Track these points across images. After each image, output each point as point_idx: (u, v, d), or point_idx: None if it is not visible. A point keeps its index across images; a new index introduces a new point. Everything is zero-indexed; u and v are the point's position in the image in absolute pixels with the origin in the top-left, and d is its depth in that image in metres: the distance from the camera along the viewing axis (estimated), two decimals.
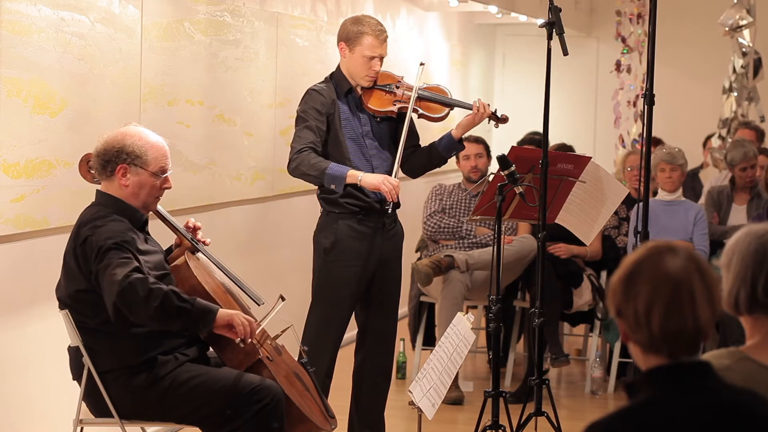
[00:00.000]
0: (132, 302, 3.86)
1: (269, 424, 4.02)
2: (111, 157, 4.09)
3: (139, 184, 4.11)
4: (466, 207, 6.85)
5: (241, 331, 3.98)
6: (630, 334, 2.27)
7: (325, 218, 5.21)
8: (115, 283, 3.86)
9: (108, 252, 3.92)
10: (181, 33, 5.72)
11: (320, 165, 4.97)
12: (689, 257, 2.26)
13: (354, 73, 5.16)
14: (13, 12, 4.60)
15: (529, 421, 4.98)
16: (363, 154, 5.14)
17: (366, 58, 5.11)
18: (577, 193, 5.37)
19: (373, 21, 5.18)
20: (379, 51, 5.13)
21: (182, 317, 3.91)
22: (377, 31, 5.13)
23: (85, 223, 4.05)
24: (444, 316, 6.46)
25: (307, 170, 4.98)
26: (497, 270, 4.83)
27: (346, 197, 5.10)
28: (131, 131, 4.14)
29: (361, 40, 5.11)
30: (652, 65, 4.86)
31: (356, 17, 5.23)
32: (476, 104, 5.19)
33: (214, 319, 3.96)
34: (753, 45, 8.90)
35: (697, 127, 10.27)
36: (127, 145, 4.09)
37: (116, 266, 3.89)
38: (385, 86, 5.21)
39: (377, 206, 5.15)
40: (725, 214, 7.38)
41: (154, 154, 4.12)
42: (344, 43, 5.16)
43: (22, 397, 4.87)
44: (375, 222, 5.17)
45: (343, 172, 4.96)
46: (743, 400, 2.25)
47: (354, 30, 5.14)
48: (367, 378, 5.30)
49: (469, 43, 10.89)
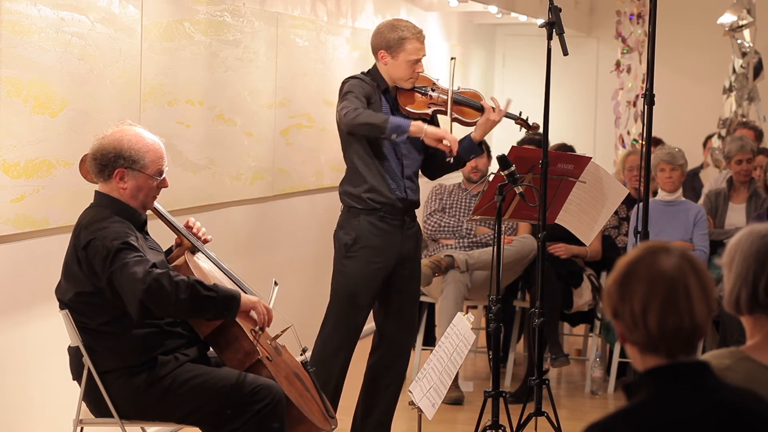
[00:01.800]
0: (160, 297, 3.87)
1: (269, 424, 4.02)
2: (108, 161, 4.07)
3: (138, 187, 4.10)
4: (466, 207, 6.85)
5: (260, 319, 4.06)
6: (627, 334, 2.27)
7: (346, 214, 5.22)
8: (138, 281, 3.86)
9: (119, 253, 3.92)
10: (181, 33, 5.72)
11: (381, 115, 4.96)
12: (683, 256, 2.27)
13: (397, 78, 5.17)
14: (13, 12, 4.60)
15: (529, 421, 4.97)
16: (396, 152, 5.16)
17: (411, 62, 5.14)
18: (577, 193, 5.37)
19: (410, 24, 5.21)
20: (422, 53, 5.18)
21: (210, 306, 3.95)
22: (417, 34, 5.17)
23: (86, 225, 4.04)
24: (444, 316, 6.47)
25: (368, 119, 4.91)
26: (497, 270, 4.83)
27: (369, 192, 5.11)
28: (128, 133, 4.10)
29: (404, 46, 5.13)
30: (652, 65, 4.86)
31: (391, 23, 5.22)
32: (488, 105, 5.21)
33: (238, 305, 4.01)
34: (753, 45, 8.90)
35: (697, 127, 10.27)
36: (124, 150, 4.06)
37: (134, 265, 3.89)
38: (422, 88, 5.24)
39: (399, 204, 5.15)
40: (722, 215, 7.37)
41: (151, 157, 4.11)
42: (385, 50, 5.16)
43: (22, 397, 4.87)
44: (396, 220, 5.18)
45: (406, 121, 4.97)
46: (742, 400, 2.25)
47: (394, 37, 5.14)
48: (380, 381, 5.29)
49: (469, 43, 10.89)
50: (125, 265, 3.89)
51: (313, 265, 7.25)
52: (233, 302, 4.00)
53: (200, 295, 3.91)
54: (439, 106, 5.22)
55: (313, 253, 7.27)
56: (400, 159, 5.17)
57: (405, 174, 5.18)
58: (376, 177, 5.12)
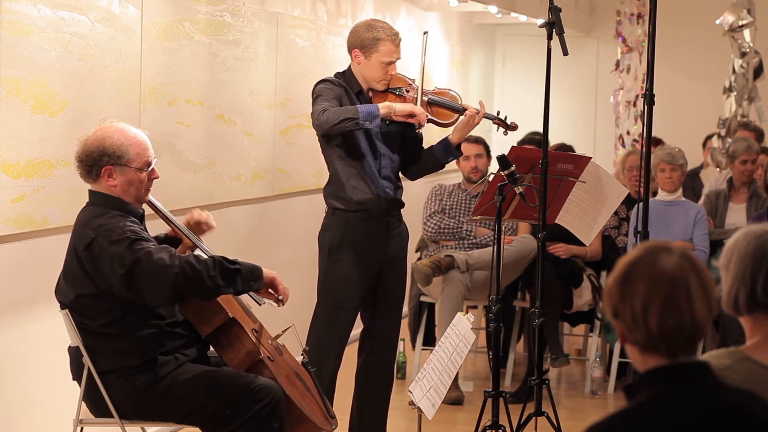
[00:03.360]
0: (194, 278, 3.90)
1: (269, 424, 4.02)
2: (94, 161, 4.05)
3: (128, 181, 4.08)
4: (466, 207, 6.85)
5: (281, 289, 4.15)
6: (627, 334, 2.27)
7: (330, 217, 5.21)
8: (167, 267, 3.87)
9: (133, 243, 3.92)
10: (181, 33, 5.72)
11: (349, 108, 4.96)
12: (684, 255, 2.27)
13: (369, 78, 5.17)
14: (13, 12, 4.60)
15: (529, 421, 4.97)
16: (373, 152, 5.15)
17: (383, 64, 5.13)
18: (577, 193, 5.37)
19: (386, 26, 5.18)
20: (396, 55, 5.15)
21: (238, 278, 4.01)
22: (392, 36, 5.15)
23: (86, 223, 4.03)
24: (444, 316, 6.47)
25: (340, 116, 4.90)
26: (497, 270, 4.83)
27: (351, 193, 5.10)
28: (108, 131, 4.08)
29: (377, 47, 5.12)
30: (652, 65, 4.86)
31: (368, 23, 5.20)
32: (469, 110, 5.18)
33: (261, 275, 4.09)
34: (753, 45, 8.90)
35: (697, 127, 10.28)
36: (107, 147, 4.04)
37: (156, 252, 3.91)
38: (396, 89, 5.21)
39: (382, 204, 5.15)
40: (722, 215, 7.37)
41: (135, 150, 4.08)
42: (359, 50, 5.15)
43: (22, 397, 4.87)
44: (380, 221, 5.17)
45: (374, 106, 4.98)
46: (742, 400, 2.25)
47: (369, 37, 5.13)
48: (370, 379, 5.30)
49: (469, 43, 10.89)
50: (148, 254, 3.89)
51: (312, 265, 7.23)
52: (257, 272, 4.08)
53: (228, 269, 3.97)
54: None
55: (313, 253, 7.23)
56: (378, 159, 5.16)
57: (383, 174, 5.16)
58: (357, 178, 5.11)
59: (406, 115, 5.01)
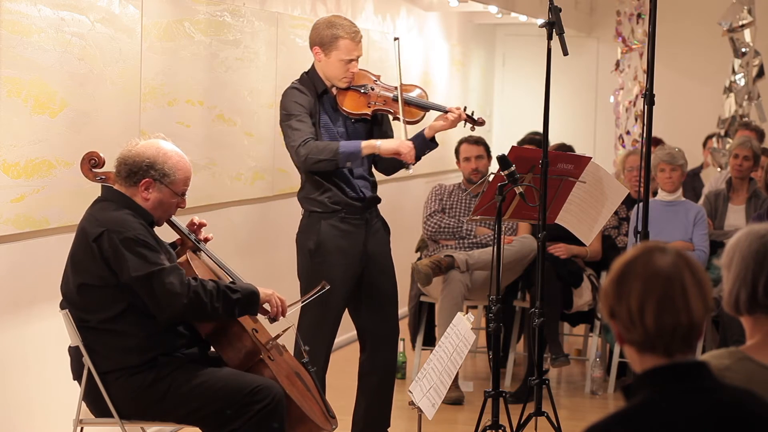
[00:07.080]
0: (197, 309, 4.01)
1: (269, 424, 4.02)
2: (139, 168, 4.09)
3: (160, 201, 4.13)
4: (466, 207, 6.85)
5: (274, 311, 4.24)
6: (624, 334, 2.28)
7: (307, 219, 5.19)
8: (176, 295, 3.95)
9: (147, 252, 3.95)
10: (181, 33, 5.72)
11: (330, 146, 4.95)
12: (678, 254, 2.28)
13: (331, 76, 5.13)
14: (13, 12, 4.60)
15: (529, 421, 4.97)
16: None
17: (343, 61, 5.08)
18: (577, 193, 5.37)
19: (346, 23, 5.14)
20: (356, 53, 5.10)
21: (238, 308, 4.11)
22: (352, 33, 5.10)
23: (97, 216, 4.04)
24: (444, 316, 6.46)
25: (318, 156, 4.92)
26: (497, 270, 4.83)
27: (326, 195, 5.08)
28: (165, 147, 4.14)
29: (336, 44, 5.08)
30: (652, 65, 4.86)
31: (329, 20, 5.16)
32: (451, 111, 5.15)
33: (257, 301, 4.17)
34: (753, 45, 8.90)
35: (697, 127, 10.28)
36: (158, 162, 4.10)
37: (168, 274, 3.96)
38: (361, 87, 5.16)
39: (358, 204, 5.14)
40: (722, 216, 7.37)
41: (183, 176, 4.15)
42: (318, 47, 5.13)
43: (22, 397, 4.87)
44: (358, 219, 5.16)
45: (357, 146, 4.96)
46: (741, 400, 2.25)
47: (328, 34, 5.09)
48: (370, 378, 5.30)
49: (469, 43, 10.89)
50: (161, 271, 3.94)
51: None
52: (254, 298, 4.16)
53: (231, 300, 4.06)
54: (379, 106, 5.16)
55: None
56: None
57: (356, 174, 5.14)
58: (330, 180, 5.09)
59: (392, 153, 5.01)
